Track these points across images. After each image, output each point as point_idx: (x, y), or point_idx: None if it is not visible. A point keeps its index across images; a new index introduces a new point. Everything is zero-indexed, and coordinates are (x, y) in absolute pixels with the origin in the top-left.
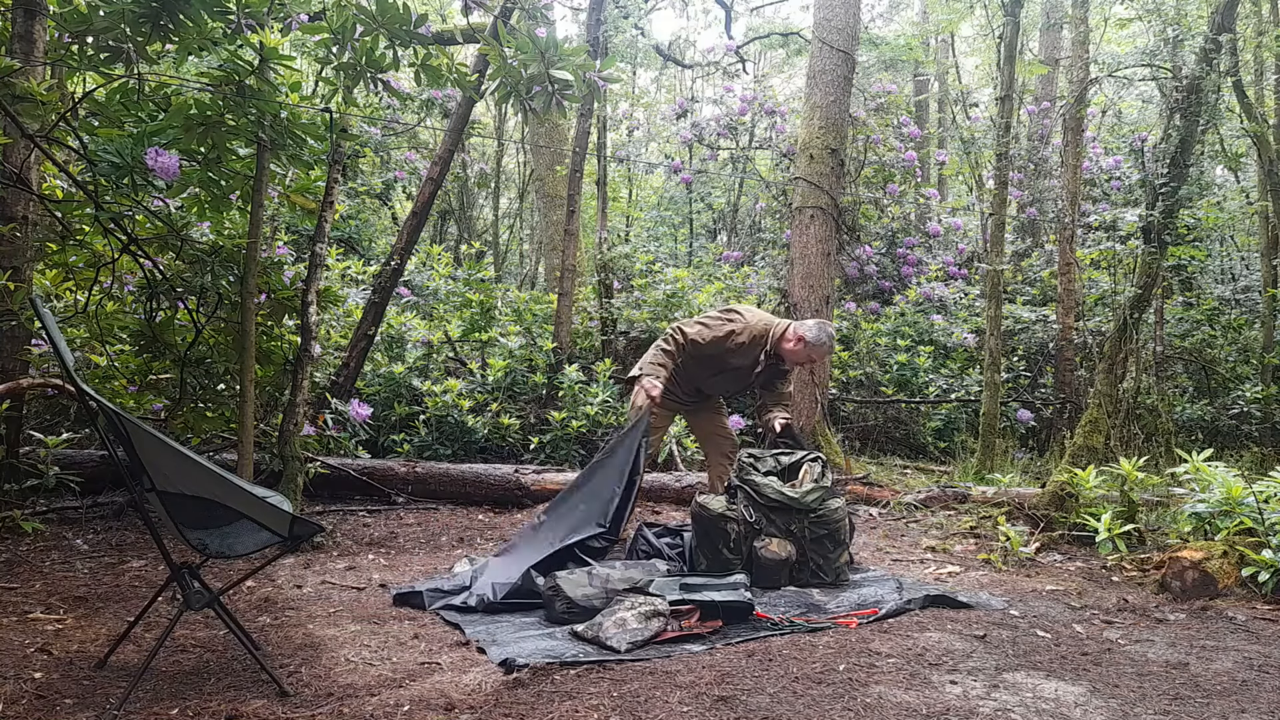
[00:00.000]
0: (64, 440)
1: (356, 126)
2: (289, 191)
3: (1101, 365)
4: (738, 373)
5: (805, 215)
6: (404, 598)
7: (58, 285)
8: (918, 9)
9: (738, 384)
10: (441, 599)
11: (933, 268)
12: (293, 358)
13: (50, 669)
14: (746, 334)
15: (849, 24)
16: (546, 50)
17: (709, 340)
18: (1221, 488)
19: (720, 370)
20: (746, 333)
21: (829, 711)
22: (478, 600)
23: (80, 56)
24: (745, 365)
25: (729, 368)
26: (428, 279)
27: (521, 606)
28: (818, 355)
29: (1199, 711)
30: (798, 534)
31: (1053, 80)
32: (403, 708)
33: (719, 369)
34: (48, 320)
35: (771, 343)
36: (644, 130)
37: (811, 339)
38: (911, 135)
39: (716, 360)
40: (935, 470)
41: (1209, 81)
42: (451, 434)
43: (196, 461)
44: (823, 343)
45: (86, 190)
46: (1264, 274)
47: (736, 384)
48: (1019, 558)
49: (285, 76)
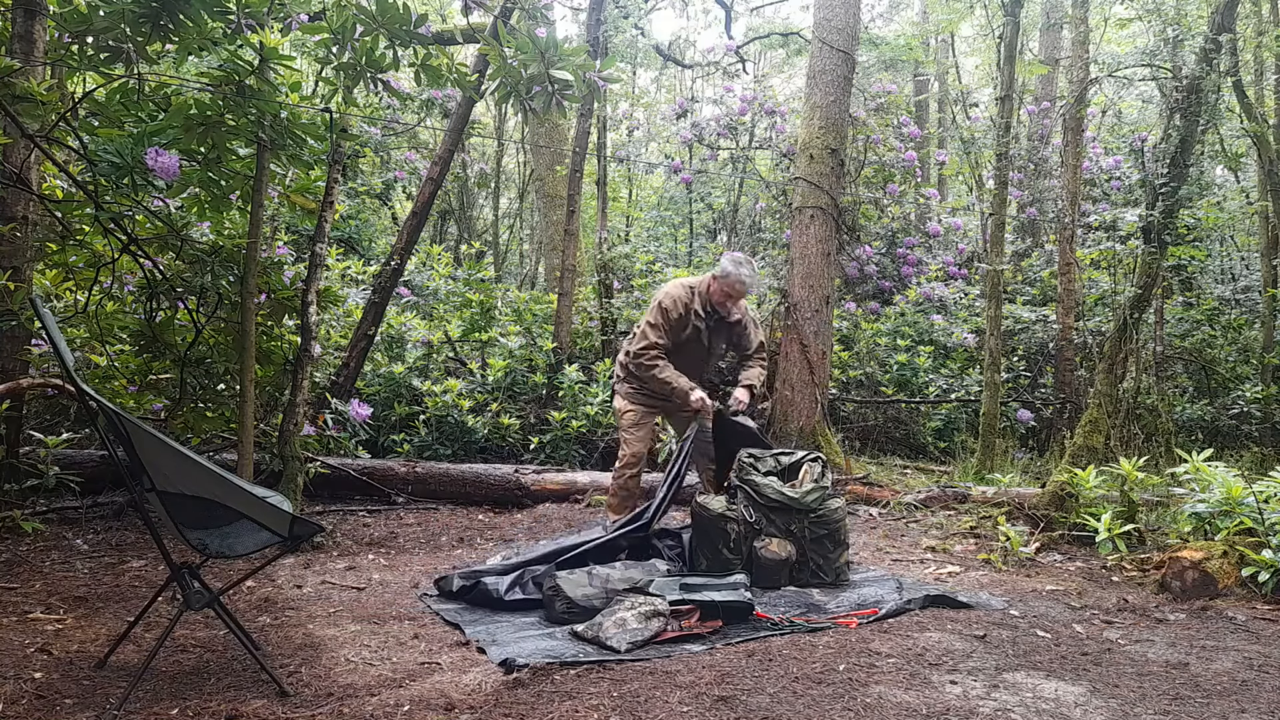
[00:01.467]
0: (64, 440)
1: (356, 126)
2: (289, 191)
3: (1101, 365)
4: (690, 345)
5: (805, 215)
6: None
7: (58, 285)
8: (918, 9)
9: (697, 356)
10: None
11: (933, 268)
12: (293, 358)
13: (50, 669)
14: (669, 299)
15: (849, 24)
16: (546, 50)
17: (660, 327)
18: (1221, 488)
19: (676, 350)
20: (669, 298)
21: (829, 711)
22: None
23: (80, 56)
24: (690, 334)
25: (680, 344)
26: (428, 279)
27: (522, 606)
28: (730, 288)
29: (1199, 711)
30: (798, 534)
31: (1053, 80)
32: (403, 708)
33: (674, 350)
34: (48, 320)
35: (700, 298)
36: (644, 130)
37: (719, 273)
38: (911, 135)
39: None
40: (935, 470)
41: (1209, 81)
42: (451, 434)
43: (196, 461)
44: (728, 273)
45: (86, 190)
46: (1264, 274)
47: (696, 356)
48: (1019, 558)
49: (285, 76)
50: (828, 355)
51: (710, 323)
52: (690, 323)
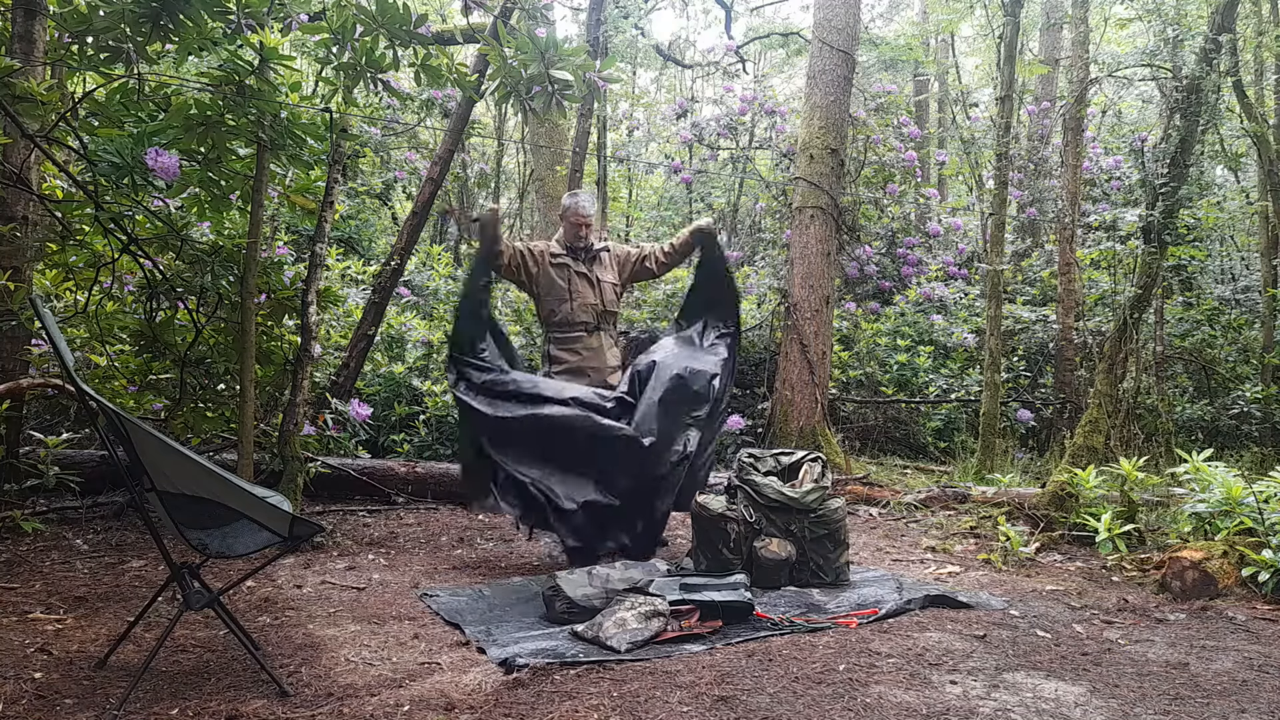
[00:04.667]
0: (64, 440)
1: (356, 126)
2: (289, 191)
3: (1101, 365)
4: (576, 286)
5: (805, 215)
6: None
7: (58, 285)
8: (918, 9)
9: (588, 297)
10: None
11: (933, 268)
12: (293, 358)
13: (50, 669)
14: (522, 256)
15: (849, 24)
16: (546, 50)
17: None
18: (1221, 488)
19: (570, 297)
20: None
21: (829, 711)
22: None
23: (80, 56)
24: (565, 275)
25: (569, 289)
26: (428, 279)
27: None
28: (569, 216)
29: (1199, 711)
30: (798, 534)
31: (1053, 80)
32: (403, 708)
33: (569, 298)
34: (48, 320)
35: (556, 245)
36: (644, 130)
37: (560, 213)
38: (911, 135)
39: (555, 294)
40: (935, 470)
41: (1209, 81)
42: (452, 434)
43: (196, 461)
44: (565, 205)
45: (86, 190)
46: (1264, 274)
47: (587, 299)
48: (1019, 558)
49: (285, 76)
50: (828, 355)
51: (579, 257)
52: (556, 265)
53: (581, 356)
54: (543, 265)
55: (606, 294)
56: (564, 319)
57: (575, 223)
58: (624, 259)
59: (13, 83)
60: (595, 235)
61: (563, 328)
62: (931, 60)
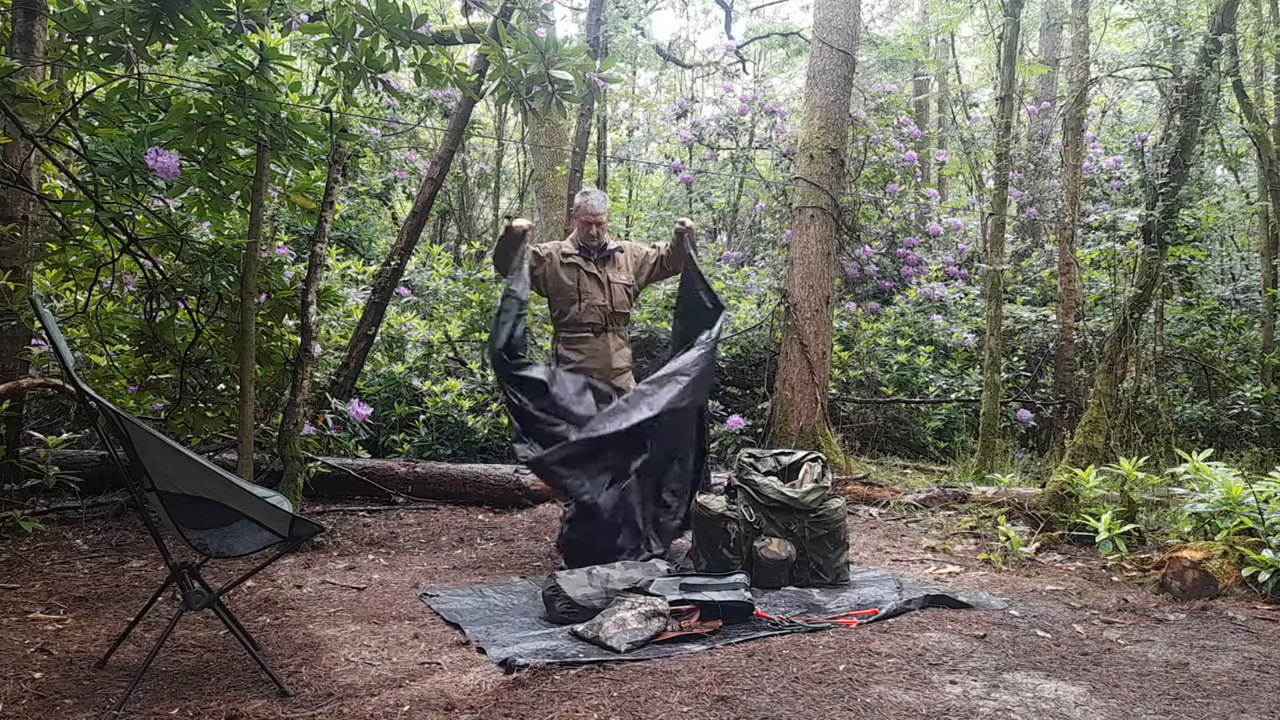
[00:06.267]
0: (64, 440)
1: (356, 126)
2: (289, 191)
3: (1101, 365)
4: (585, 286)
5: (805, 215)
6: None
7: (58, 285)
8: (918, 9)
9: (597, 297)
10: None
11: (933, 268)
12: (293, 358)
13: (50, 669)
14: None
15: (849, 24)
16: (546, 50)
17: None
18: (1221, 488)
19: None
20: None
21: (829, 711)
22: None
23: (80, 56)
24: (575, 275)
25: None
26: (428, 279)
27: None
28: (581, 214)
29: (1199, 711)
30: (798, 534)
31: (1053, 80)
32: (403, 708)
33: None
34: (48, 320)
35: (568, 244)
36: (644, 130)
37: (573, 211)
38: (911, 135)
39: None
40: (935, 470)
41: (1209, 81)
42: (451, 434)
43: (196, 461)
44: (576, 204)
45: (86, 190)
46: (1264, 274)
47: (596, 300)
48: (1019, 558)
49: (285, 76)
50: (828, 355)
51: (591, 257)
52: (567, 265)
53: (586, 356)
54: (552, 266)
55: (616, 295)
56: (572, 319)
57: (586, 221)
58: (641, 259)
59: (13, 83)
60: (600, 230)
61: (570, 328)
62: (931, 60)
